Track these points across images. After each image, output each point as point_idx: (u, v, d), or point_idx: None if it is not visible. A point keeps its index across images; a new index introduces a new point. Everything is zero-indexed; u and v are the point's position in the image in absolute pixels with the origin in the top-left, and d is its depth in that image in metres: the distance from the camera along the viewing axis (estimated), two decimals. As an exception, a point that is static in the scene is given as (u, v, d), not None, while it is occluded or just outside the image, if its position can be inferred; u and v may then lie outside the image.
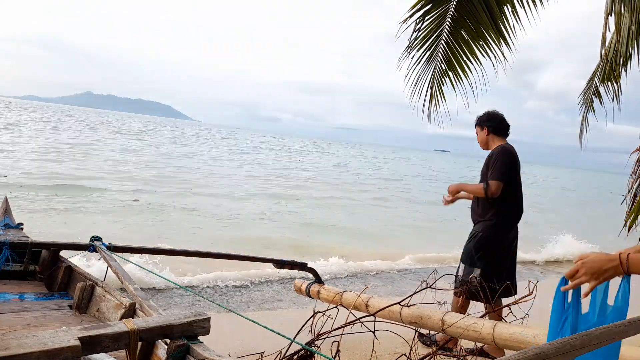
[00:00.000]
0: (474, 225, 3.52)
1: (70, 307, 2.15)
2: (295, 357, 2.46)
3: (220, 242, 7.40)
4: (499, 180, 3.29)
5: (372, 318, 2.70)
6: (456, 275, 3.47)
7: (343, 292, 3.26)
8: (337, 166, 30.48)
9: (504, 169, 3.33)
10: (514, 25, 3.57)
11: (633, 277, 1.35)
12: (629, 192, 4.16)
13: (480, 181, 3.46)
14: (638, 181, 4.08)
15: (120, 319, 1.64)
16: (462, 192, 3.62)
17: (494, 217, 3.39)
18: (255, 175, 19.10)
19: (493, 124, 3.55)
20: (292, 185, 17.14)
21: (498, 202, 3.36)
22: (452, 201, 3.68)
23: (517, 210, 3.48)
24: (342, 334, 2.52)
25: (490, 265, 3.33)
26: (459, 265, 3.50)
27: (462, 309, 3.29)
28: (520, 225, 3.53)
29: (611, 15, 3.54)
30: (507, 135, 3.58)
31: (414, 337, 2.66)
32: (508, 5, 3.54)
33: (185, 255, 4.18)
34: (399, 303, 2.79)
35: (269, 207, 11.71)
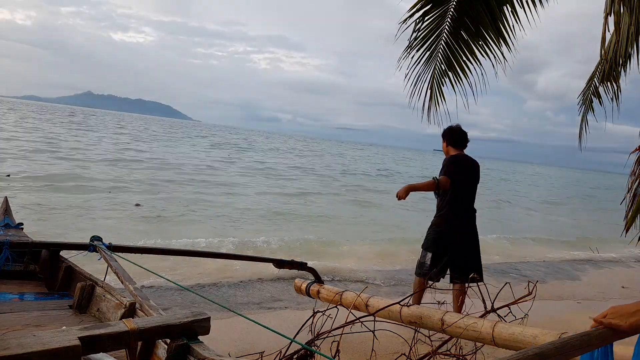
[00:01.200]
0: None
1: (70, 307, 2.14)
2: (295, 356, 2.46)
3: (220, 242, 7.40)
4: (446, 176, 4.00)
5: (371, 318, 2.70)
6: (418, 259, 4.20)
7: (343, 291, 3.26)
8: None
9: (450, 169, 4.04)
10: (513, 26, 3.57)
11: None
12: (628, 191, 4.17)
13: None
14: (637, 181, 4.08)
15: (120, 319, 1.64)
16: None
17: (445, 212, 4.07)
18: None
19: (450, 138, 4.22)
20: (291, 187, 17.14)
21: (449, 201, 4.05)
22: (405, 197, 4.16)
23: (464, 208, 4.10)
24: (342, 334, 2.52)
25: (439, 250, 4.00)
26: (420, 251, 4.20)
27: (419, 285, 4.06)
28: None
29: (610, 15, 3.53)
30: (463, 146, 4.22)
31: (414, 337, 2.66)
32: (508, 5, 3.54)
33: (186, 255, 4.19)
34: (398, 303, 2.79)
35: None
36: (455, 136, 4.18)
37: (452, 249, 3.96)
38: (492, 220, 12.84)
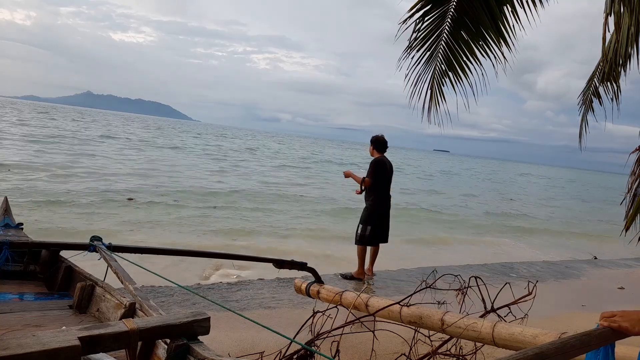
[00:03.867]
0: (365, 203, 6.00)
1: (70, 307, 2.14)
2: (295, 356, 2.45)
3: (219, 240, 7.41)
4: (369, 178, 5.84)
5: (371, 318, 2.70)
6: (356, 231, 5.95)
7: (343, 291, 3.26)
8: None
9: (373, 172, 5.87)
10: (513, 26, 3.56)
11: None
12: (628, 191, 4.16)
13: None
14: (637, 181, 4.08)
15: (120, 319, 1.63)
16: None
17: (373, 198, 5.91)
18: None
19: (377, 145, 6.04)
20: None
21: (375, 190, 5.88)
22: (347, 176, 6.18)
23: (385, 194, 6.00)
24: (341, 334, 2.52)
25: (375, 224, 5.87)
26: (358, 225, 5.94)
27: (362, 251, 5.89)
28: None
29: (611, 15, 3.53)
30: (384, 151, 6.05)
31: (414, 337, 2.66)
32: (508, 5, 3.53)
33: (186, 255, 4.19)
34: (398, 303, 2.78)
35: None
36: (378, 143, 6.01)
37: (381, 221, 5.91)
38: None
